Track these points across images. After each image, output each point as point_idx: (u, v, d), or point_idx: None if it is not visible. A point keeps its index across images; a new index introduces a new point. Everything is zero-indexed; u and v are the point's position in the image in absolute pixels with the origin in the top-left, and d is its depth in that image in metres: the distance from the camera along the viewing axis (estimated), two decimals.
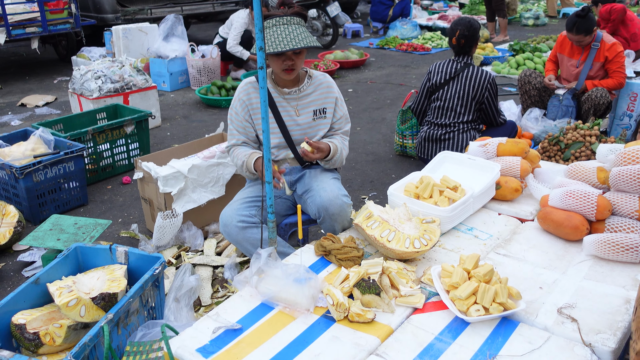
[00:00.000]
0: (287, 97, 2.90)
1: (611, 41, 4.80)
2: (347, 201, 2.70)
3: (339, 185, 2.82)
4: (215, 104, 6.73)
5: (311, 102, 2.93)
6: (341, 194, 2.72)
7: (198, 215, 3.66)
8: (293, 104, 2.90)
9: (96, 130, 4.51)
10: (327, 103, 2.95)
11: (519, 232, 2.58)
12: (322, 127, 2.96)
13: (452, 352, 1.83)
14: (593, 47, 4.81)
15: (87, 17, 8.49)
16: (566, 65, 5.06)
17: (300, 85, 2.91)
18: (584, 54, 4.89)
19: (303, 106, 2.92)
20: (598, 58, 4.82)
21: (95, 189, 4.54)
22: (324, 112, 2.95)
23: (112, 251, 2.59)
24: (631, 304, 2.02)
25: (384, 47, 10.15)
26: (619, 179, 2.45)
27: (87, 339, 2.03)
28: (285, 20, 2.68)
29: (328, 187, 2.73)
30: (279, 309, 2.07)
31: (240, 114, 2.90)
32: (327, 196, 2.68)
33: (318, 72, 3.00)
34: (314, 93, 2.93)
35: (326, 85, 2.97)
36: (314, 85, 2.94)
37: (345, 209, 2.68)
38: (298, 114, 2.90)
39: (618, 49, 4.76)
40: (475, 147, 3.04)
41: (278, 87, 2.90)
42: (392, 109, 6.57)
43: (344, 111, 3.02)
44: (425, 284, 2.20)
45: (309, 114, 2.92)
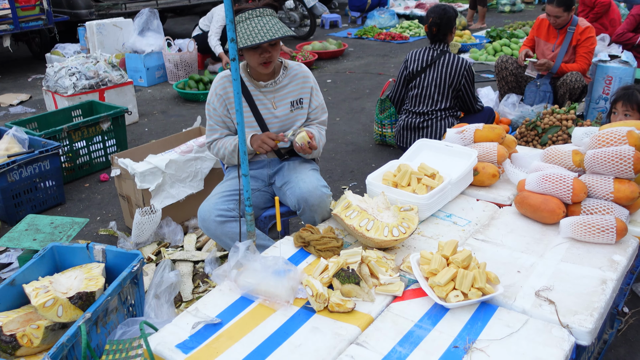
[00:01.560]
0: (264, 90, 2.87)
1: (585, 25, 4.85)
2: (326, 192, 2.70)
3: (318, 176, 2.81)
4: (193, 98, 6.68)
5: (288, 94, 2.91)
6: (320, 184, 2.71)
7: (177, 210, 3.63)
8: (270, 96, 2.88)
9: (71, 128, 4.45)
10: (304, 93, 2.94)
11: (497, 217, 2.60)
12: (299, 118, 2.95)
13: (432, 339, 1.84)
14: (569, 31, 4.86)
15: (60, 13, 8.35)
16: (542, 49, 5.09)
17: (276, 78, 2.88)
18: (559, 38, 4.92)
19: (280, 98, 2.90)
20: (572, 42, 4.86)
21: (72, 187, 4.48)
22: (300, 102, 2.93)
23: (90, 250, 2.56)
24: (607, 284, 2.05)
25: (362, 37, 10.14)
26: (594, 161, 2.47)
27: (65, 339, 2.01)
28: (258, 13, 2.65)
29: (307, 179, 2.72)
30: (259, 302, 2.05)
31: (219, 110, 2.87)
32: (307, 187, 2.67)
33: (293, 62, 2.98)
34: (290, 84, 2.91)
35: (302, 75, 2.94)
36: (289, 77, 2.92)
37: (324, 200, 2.67)
38: (275, 106, 2.88)
39: (589, 34, 4.81)
40: (453, 133, 3.05)
41: (254, 81, 2.87)
42: (371, 98, 6.57)
43: (320, 101, 3.01)
44: (405, 271, 2.20)
45: (287, 106, 2.90)
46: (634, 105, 3.37)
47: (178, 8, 9.62)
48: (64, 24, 8.43)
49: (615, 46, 6.07)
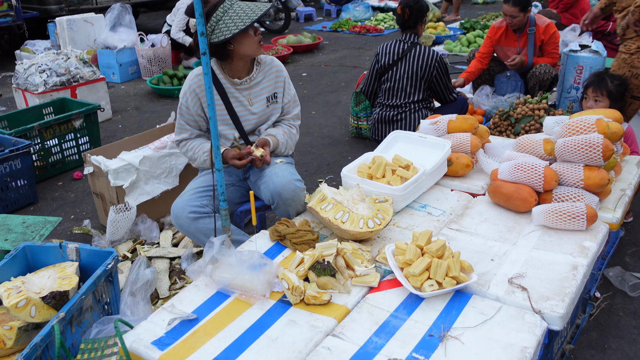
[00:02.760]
0: (239, 88, 2.84)
1: (545, 23, 4.91)
2: (300, 185, 2.69)
3: (292, 170, 2.80)
4: (167, 93, 6.61)
5: (263, 89, 2.89)
6: (294, 178, 2.71)
7: (153, 207, 3.60)
8: (245, 93, 2.85)
9: (43, 126, 4.37)
10: (278, 88, 2.92)
11: (471, 207, 2.62)
12: (275, 113, 2.94)
13: (408, 328, 1.86)
14: (529, 32, 4.91)
15: (29, 9, 8.19)
16: (506, 54, 5.12)
17: (251, 74, 2.85)
18: (522, 40, 4.96)
19: (256, 94, 2.87)
20: (537, 42, 4.93)
21: (45, 186, 4.41)
22: (275, 97, 2.92)
23: (63, 248, 2.53)
24: (578, 270, 2.09)
25: (337, 30, 10.13)
26: (564, 149, 2.51)
27: (38, 339, 1.98)
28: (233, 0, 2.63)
29: (281, 173, 2.72)
30: (235, 297, 2.05)
31: (193, 108, 2.80)
32: (280, 182, 2.67)
33: (266, 56, 2.95)
34: (264, 80, 2.89)
35: (275, 69, 2.92)
36: (263, 72, 2.89)
37: (298, 194, 2.67)
38: (251, 103, 2.86)
39: (552, 30, 4.88)
40: (426, 125, 3.07)
41: (229, 78, 2.82)
42: (347, 91, 6.58)
43: (292, 93, 2.99)
44: (381, 262, 2.22)
45: (263, 102, 2.88)
46: (604, 92, 3.44)
47: (150, 3, 9.52)
48: (33, 20, 8.27)
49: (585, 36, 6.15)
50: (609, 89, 3.42)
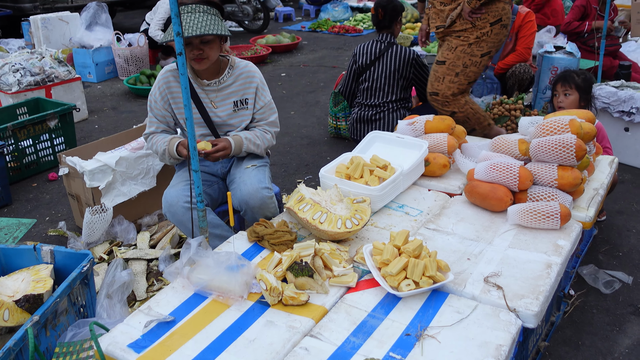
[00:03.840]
0: (206, 89, 2.83)
1: (525, 11, 5.00)
2: (267, 194, 2.68)
3: (261, 177, 2.75)
4: (144, 93, 6.54)
5: (231, 94, 2.85)
6: (261, 186, 2.68)
7: (130, 208, 3.56)
8: (212, 95, 2.83)
9: (16, 126, 4.30)
10: (248, 93, 2.88)
11: (448, 207, 2.65)
12: (244, 119, 2.90)
13: (385, 327, 1.87)
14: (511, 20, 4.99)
15: (3, 7, 8.05)
16: None
17: (220, 77, 2.82)
18: None
19: (222, 97, 2.84)
20: (514, 29, 5.00)
21: (19, 187, 4.34)
22: (245, 102, 2.88)
23: (37, 251, 2.49)
24: (552, 269, 2.12)
25: (316, 30, 10.14)
26: (538, 149, 2.54)
27: (12, 343, 1.95)
28: (190, 9, 2.58)
29: (248, 181, 2.71)
30: (213, 298, 2.04)
31: (159, 103, 2.82)
32: (247, 190, 2.67)
33: (242, 61, 2.92)
34: (234, 84, 2.85)
35: (247, 74, 2.87)
36: (234, 76, 2.86)
37: (265, 202, 2.67)
38: (215, 106, 2.84)
39: (529, 18, 4.95)
40: (404, 125, 3.09)
41: (198, 79, 2.82)
42: (326, 91, 6.59)
43: (265, 100, 2.92)
44: (358, 262, 2.23)
45: (229, 106, 2.85)
46: (572, 85, 3.52)
47: (127, 1, 9.43)
48: (6, 18, 8.12)
49: (560, 37, 6.25)
50: (576, 82, 3.51)
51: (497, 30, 3.75)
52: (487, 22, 3.70)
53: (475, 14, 3.66)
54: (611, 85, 4.39)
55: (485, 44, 3.75)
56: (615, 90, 4.26)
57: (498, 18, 3.71)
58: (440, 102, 3.91)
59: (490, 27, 3.71)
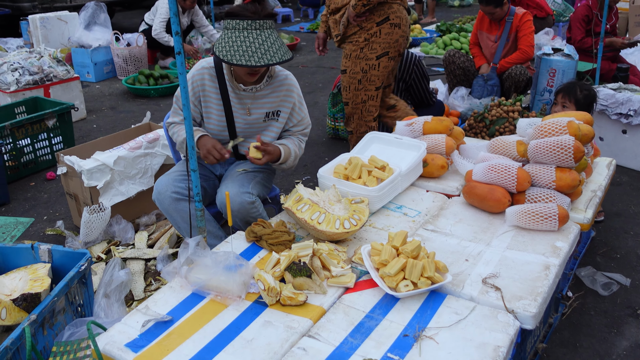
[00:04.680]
0: (242, 94, 2.75)
1: (522, 11, 5.02)
2: (247, 199, 2.64)
3: (244, 182, 2.71)
4: (143, 93, 6.54)
5: (266, 103, 2.79)
6: (242, 191, 2.64)
7: (128, 208, 3.55)
8: (247, 102, 2.77)
9: (14, 125, 4.29)
10: (283, 107, 2.82)
11: (446, 208, 2.65)
12: (272, 130, 2.86)
13: (383, 328, 1.87)
14: (507, 21, 5.01)
15: (1, 7, 8.04)
16: (485, 42, 5.22)
17: (257, 84, 2.74)
18: (500, 29, 5.06)
19: (257, 106, 2.78)
20: (512, 30, 5.01)
21: (17, 186, 4.33)
22: (277, 114, 2.82)
23: (35, 250, 2.48)
24: (550, 270, 2.12)
25: (315, 31, 10.14)
26: (536, 151, 2.55)
27: (9, 342, 1.94)
28: (259, 25, 2.44)
29: (231, 184, 2.69)
30: (210, 298, 2.04)
31: (191, 97, 2.74)
32: (229, 194, 2.64)
33: (283, 70, 2.82)
34: (271, 94, 2.78)
35: (286, 88, 2.80)
36: (272, 86, 2.77)
37: (245, 207, 2.63)
38: (249, 113, 2.78)
39: (526, 18, 4.98)
40: (402, 126, 3.09)
41: (234, 82, 2.73)
42: (324, 92, 6.59)
43: (303, 114, 2.89)
44: (357, 263, 2.23)
45: (261, 115, 2.80)
46: (572, 98, 3.51)
47: (126, 1, 9.42)
48: (5, 17, 8.12)
49: (558, 39, 6.27)
50: (577, 97, 3.50)
51: (387, 30, 3.71)
52: (373, 23, 3.69)
53: (360, 17, 3.68)
54: (609, 88, 4.39)
55: (378, 45, 3.72)
56: (613, 93, 4.27)
57: (385, 17, 3.69)
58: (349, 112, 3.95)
59: (378, 27, 3.69)
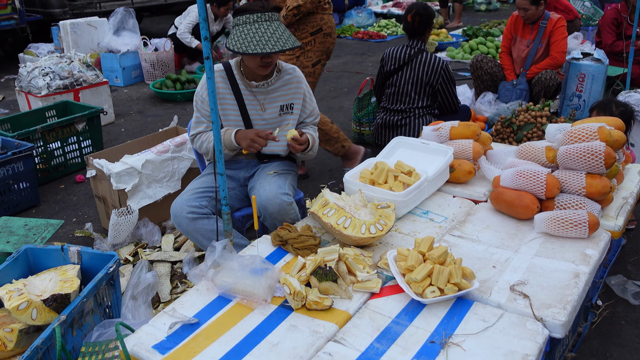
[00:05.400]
0: (255, 91, 2.83)
1: (557, 17, 4.95)
2: (286, 200, 2.67)
3: (281, 183, 2.75)
4: (170, 97, 6.62)
5: (279, 97, 2.87)
6: (280, 192, 2.68)
7: (154, 211, 3.60)
8: (260, 97, 2.84)
9: (45, 129, 4.38)
10: (296, 99, 2.90)
11: (472, 214, 2.62)
12: (287, 123, 2.91)
13: (409, 334, 1.86)
14: (541, 26, 4.94)
15: (33, 13, 8.21)
16: (518, 46, 5.16)
17: (269, 79, 2.83)
18: (533, 33, 5.00)
19: (270, 100, 2.86)
20: (545, 35, 4.94)
21: (47, 188, 4.41)
22: (291, 107, 2.90)
23: (64, 251, 2.53)
24: (580, 278, 2.08)
25: (340, 36, 10.16)
26: (566, 157, 2.51)
27: (39, 342, 1.98)
28: (267, 17, 2.57)
29: (268, 186, 2.71)
30: (237, 301, 2.05)
31: (206, 103, 2.81)
32: (266, 195, 2.66)
33: (288, 65, 2.92)
34: (282, 87, 2.87)
35: (296, 80, 2.90)
36: (282, 80, 2.87)
37: (284, 208, 2.66)
38: (264, 109, 2.85)
39: (560, 24, 4.91)
40: (429, 131, 3.07)
41: (246, 80, 2.82)
42: (350, 97, 6.59)
43: (313, 105, 3.01)
44: (382, 268, 2.21)
45: (276, 109, 2.87)
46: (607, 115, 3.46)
47: (154, 7, 9.54)
48: (37, 23, 8.30)
49: (588, 44, 6.17)
50: (612, 114, 3.45)
51: (320, 39, 3.99)
52: (307, 33, 3.95)
53: (290, 28, 3.91)
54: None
55: (313, 54, 4.00)
56: None
57: (318, 28, 3.95)
58: None
59: (312, 36, 3.95)
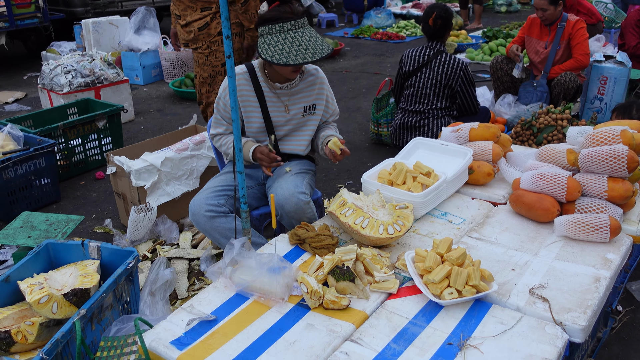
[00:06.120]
0: (278, 92, 2.83)
1: (575, 18, 4.89)
2: (303, 199, 2.67)
3: (298, 182, 2.75)
4: (189, 96, 6.67)
5: (302, 98, 2.87)
6: (297, 191, 2.68)
7: (173, 208, 3.63)
8: (284, 99, 2.84)
9: (67, 126, 4.44)
10: (319, 100, 2.91)
11: (491, 216, 2.60)
12: (310, 124, 2.92)
13: (426, 335, 1.85)
14: (559, 27, 4.89)
15: (56, 11, 8.33)
16: (534, 48, 5.11)
17: (292, 80, 2.83)
18: (551, 35, 4.95)
19: (294, 102, 2.86)
20: (564, 37, 4.89)
21: (68, 185, 4.47)
22: (313, 108, 2.90)
23: (85, 247, 2.56)
24: (601, 283, 2.06)
25: (359, 37, 10.15)
26: (588, 160, 2.48)
27: (60, 335, 2.01)
28: (300, 24, 2.58)
29: (285, 185, 2.71)
30: (254, 299, 2.06)
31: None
32: (283, 194, 2.67)
33: (311, 66, 2.91)
34: (306, 89, 2.87)
35: (319, 82, 2.90)
36: (306, 81, 2.87)
37: (301, 207, 2.66)
38: (288, 110, 2.85)
39: (580, 25, 4.85)
40: (448, 132, 3.06)
41: (270, 82, 2.82)
42: (368, 97, 6.58)
43: (334, 105, 3.03)
44: (400, 269, 2.21)
45: (299, 110, 2.87)
46: (626, 118, 3.43)
47: None
48: (59, 21, 8.41)
49: (610, 46, 6.09)
50: (631, 117, 3.42)
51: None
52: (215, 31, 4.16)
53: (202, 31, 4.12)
54: None
55: (221, 54, 4.22)
56: None
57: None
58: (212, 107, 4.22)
59: (219, 36, 4.17)
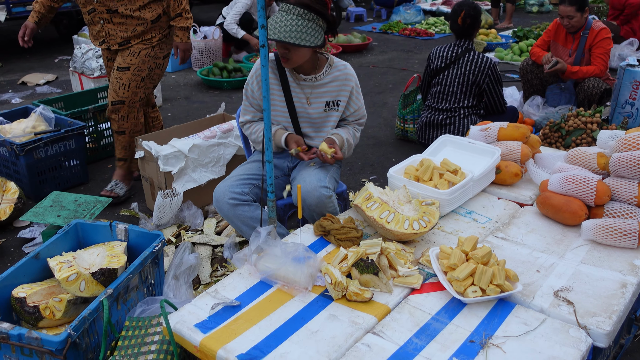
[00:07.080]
0: (302, 84, 2.83)
1: (600, 27, 4.79)
2: (325, 193, 2.67)
3: (321, 176, 2.75)
4: (216, 85, 6.71)
5: (325, 93, 2.85)
6: (320, 185, 2.68)
7: (198, 194, 3.67)
8: (307, 91, 2.84)
9: (97, 109, 4.50)
10: (342, 95, 2.88)
11: (517, 217, 2.59)
12: (332, 119, 2.91)
13: (449, 332, 1.85)
14: (583, 35, 4.80)
15: None
16: (560, 53, 5.03)
17: (317, 74, 2.82)
18: (575, 43, 4.86)
19: (316, 95, 2.85)
20: (587, 46, 4.81)
21: (95, 167, 4.54)
22: (337, 104, 2.88)
23: (112, 228, 2.60)
24: (627, 288, 2.04)
25: (387, 32, 10.10)
26: (619, 164, 2.45)
27: (87, 312, 2.05)
28: (287, 8, 2.61)
29: (308, 178, 2.72)
30: (278, 287, 2.08)
31: (256, 93, 2.85)
32: (305, 187, 2.67)
33: (341, 61, 2.90)
34: (330, 83, 2.85)
35: (344, 77, 2.87)
36: (332, 75, 2.85)
37: (323, 201, 2.66)
38: (309, 103, 2.85)
39: (605, 35, 4.74)
40: (476, 131, 3.04)
41: (294, 72, 2.83)
42: (394, 93, 6.56)
43: (360, 103, 2.96)
44: (424, 265, 2.21)
45: (321, 105, 2.86)
46: None
47: None
48: None
49: None
50: None
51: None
52: (166, 24, 3.85)
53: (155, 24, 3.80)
54: None
55: (166, 46, 3.93)
56: None
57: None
58: (125, 111, 3.83)
59: (169, 28, 3.89)
